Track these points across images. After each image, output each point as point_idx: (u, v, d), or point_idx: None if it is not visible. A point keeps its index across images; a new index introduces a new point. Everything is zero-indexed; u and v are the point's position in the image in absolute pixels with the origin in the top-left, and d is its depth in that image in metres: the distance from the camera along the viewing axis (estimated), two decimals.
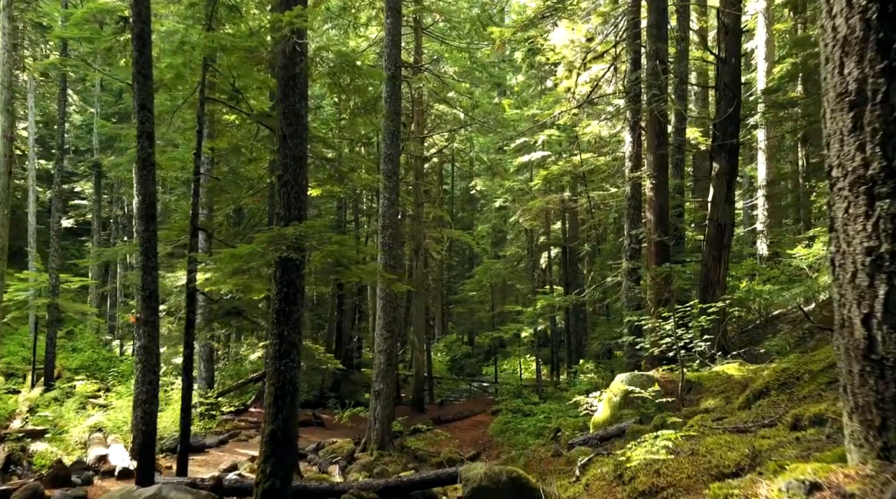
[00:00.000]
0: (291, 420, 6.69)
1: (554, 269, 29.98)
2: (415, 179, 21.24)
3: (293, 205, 6.88)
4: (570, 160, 20.48)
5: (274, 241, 6.31)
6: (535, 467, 6.99)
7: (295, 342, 6.79)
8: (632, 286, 12.68)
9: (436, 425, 18.37)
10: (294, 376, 6.72)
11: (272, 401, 6.64)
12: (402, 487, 8.02)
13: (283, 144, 6.96)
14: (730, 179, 11.95)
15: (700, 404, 7.46)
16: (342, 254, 6.64)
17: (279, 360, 6.71)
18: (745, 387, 7.43)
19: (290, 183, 6.89)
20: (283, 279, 6.77)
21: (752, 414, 4.74)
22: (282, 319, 6.76)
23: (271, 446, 6.53)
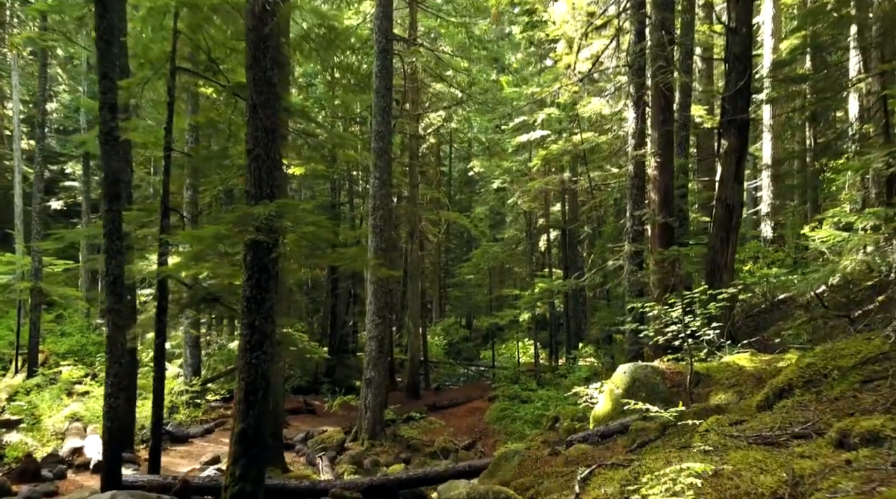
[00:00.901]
0: (264, 418, 6.11)
1: (553, 252, 29.37)
2: (410, 160, 20.55)
3: (264, 182, 6.24)
4: (570, 139, 19.76)
5: (241, 221, 5.69)
6: (529, 468, 6.42)
7: (267, 333, 6.19)
8: (634, 270, 12.06)
9: (431, 412, 17.88)
10: (266, 370, 6.14)
11: (242, 397, 6.06)
12: (388, 486, 7.49)
13: (252, 115, 6.31)
14: (739, 157, 11.28)
15: (710, 398, 6.88)
16: (318, 236, 6.02)
17: (250, 352, 6.12)
18: (760, 380, 6.85)
19: (260, 157, 6.25)
20: (254, 264, 6.15)
21: (777, 418, 4.14)
22: (253, 307, 6.16)
23: (241, 446, 5.96)
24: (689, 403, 7.01)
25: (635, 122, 12.62)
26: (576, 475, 5.37)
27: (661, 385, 7.54)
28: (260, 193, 6.19)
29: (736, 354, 8.14)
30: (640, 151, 12.21)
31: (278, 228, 5.86)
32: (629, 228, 12.50)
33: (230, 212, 6.47)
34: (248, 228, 5.65)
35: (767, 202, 21.47)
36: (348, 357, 25.26)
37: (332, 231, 6.17)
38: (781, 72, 15.00)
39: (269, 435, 10.49)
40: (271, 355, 6.26)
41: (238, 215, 5.77)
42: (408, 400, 19.72)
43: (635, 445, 6.21)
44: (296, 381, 22.36)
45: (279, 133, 6.45)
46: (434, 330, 33.07)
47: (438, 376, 26.26)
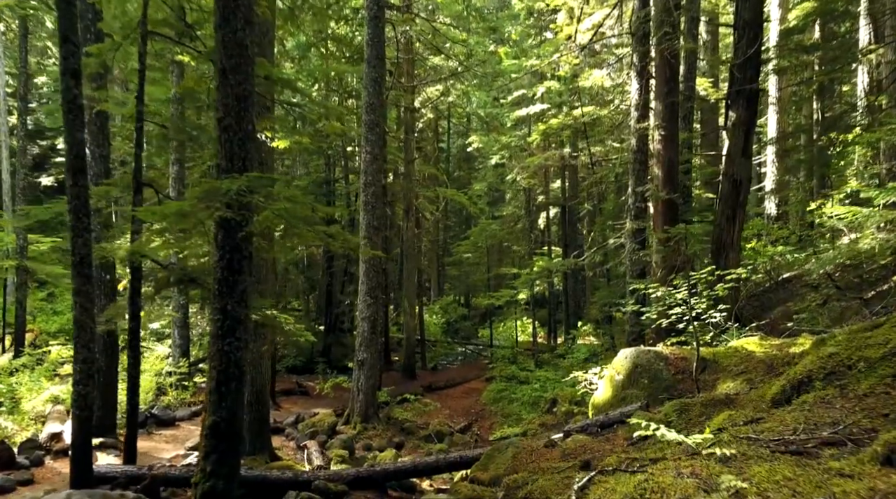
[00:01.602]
0: (237, 409, 5.67)
1: (553, 229, 28.86)
2: (405, 134, 19.94)
3: (236, 154, 5.71)
4: (571, 113, 19.13)
5: (206, 197, 5.18)
6: (524, 461, 6.00)
7: (241, 318, 5.72)
8: (636, 249, 11.58)
9: (427, 393, 17.54)
10: (240, 358, 5.67)
11: (214, 387, 5.60)
12: (375, 477, 7.08)
13: (222, 81, 5.76)
14: (747, 130, 10.73)
15: (717, 386, 6.44)
16: (293, 214, 5.52)
17: (222, 339, 5.65)
18: (771, 367, 6.41)
19: (231, 128, 5.71)
20: (225, 243, 5.65)
21: (799, 417, 3.68)
22: (224, 290, 5.67)
23: (213, 441, 5.52)
24: (695, 391, 6.59)
25: (638, 93, 12.04)
26: (574, 474, 4.94)
27: (664, 372, 7.10)
28: (231, 166, 5.66)
29: (744, 338, 7.69)
30: (644, 124, 11.64)
31: (250, 205, 5.35)
32: (631, 205, 11.99)
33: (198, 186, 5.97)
34: (214, 204, 5.14)
35: (772, 178, 20.88)
36: (344, 336, 24.88)
37: (309, 208, 5.66)
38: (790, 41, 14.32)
39: (255, 420, 10.13)
40: (245, 342, 5.79)
41: (204, 190, 5.26)
42: (403, 380, 19.38)
43: (637, 437, 5.77)
44: (290, 360, 22.03)
45: (252, 101, 5.90)
46: (432, 309, 32.69)
47: (436, 355, 25.93)
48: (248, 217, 5.36)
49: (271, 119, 9.26)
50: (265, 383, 10.15)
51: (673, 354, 7.38)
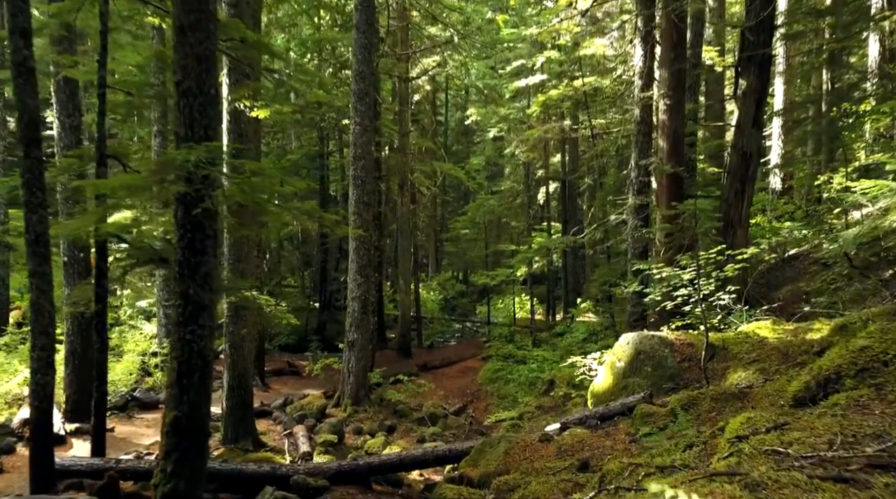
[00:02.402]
0: (201, 404, 5.16)
1: (553, 204, 28.22)
2: (399, 105, 19.21)
3: (196, 121, 5.11)
4: (571, 84, 18.38)
5: (161, 169, 4.60)
6: (517, 459, 5.52)
7: (204, 303, 5.18)
8: (638, 226, 11.01)
9: (422, 372, 17.11)
10: (203, 347, 5.15)
11: (175, 379, 5.09)
12: (357, 472, 6.61)
13: (180, 39, 5.13)
14: (759, 99, 10.10)
15: (728, 376, 5.93)
16: (259, 188, 4.94)
17: (184, 326, 5.12)
18: (786, 355, 5.89)
19: (191, 92, 5.10)
20: (185, 221, 5.09)
21: (833, 425, 3.16)
22: (186, 273, 5.13)
23: (174, 439, 5.02)
24: (703, 380, 6.08)
25: (643, 60, 11.35)
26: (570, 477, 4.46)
27: (669, 359, 6.60)
28: (191, 134, 5.07)
29: (754, 321, 7.17)
30: (648, 93, 10.99)
31: (211, 179, 4.77)
32: (634, 180, 11.39)
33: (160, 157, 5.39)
34: (171, 177, 4.57)
35: (778, 152, 20.21)
36: (339, 314, 24.40)
37: (278, 181, 5.09)
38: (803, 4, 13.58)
39: (238, 405, 9.68)
40: (211, 330, 5.26)
41: (159, 161, 4.68)
42: (398, 359, 18.97)
43: (640, 433, 5.28)
44: (283, 339, 21.60)
45: (214, 62, 5.29)
46: (429, 285, 32.20)
47: (433, 333, 25.51)
48: (208, 192, 4.78)
49: (249, 86, 8.63)
50: (248, 367, 9.67)
51: (678, 339, 6.86)
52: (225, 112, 9.42)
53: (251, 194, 4.90)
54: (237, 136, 9.36)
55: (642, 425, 5.32)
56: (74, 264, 10.04)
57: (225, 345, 9.62)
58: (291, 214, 5.22)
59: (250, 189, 4.85)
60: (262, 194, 4.98)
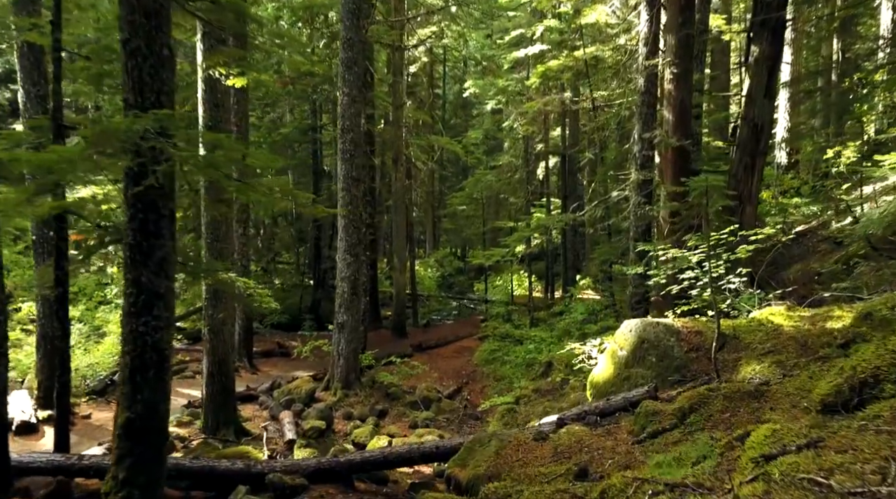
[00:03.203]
0: (158, 403, 4.65)
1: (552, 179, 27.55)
2: (393, 76, 18.47)
3: (147, 86, 4.52)
4: (572, 54, 17.61)
5: (101, 141, 4.02)
6: (509, 460, 5.03)
7: (160, 292, 4.64)
8: (641, 203, 10.42)
9: (417, 353, 16.67)
10: (159, 340, 4.63)
11: (127, 376, 4.57)
12: (338, 469, 6.14)
13: None
14: (772, 67, 9.46)
15: (740, 369, 5.42)
16: (215, 163, 4.36)
17: (136, 318, 4.59)
18: (805, 346, 5.37)
19: (140, 52, 4.50)
20: (137, 200, 4.53)
21: (879, 444, 2.64)
22: (137, 258, 4.58)
23: (127, 442, 4.53)
24: (712, 373, 5.57)
25: (648, 25, 10.65)
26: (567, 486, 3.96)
27: (675, 348, 6.08)
28: (141, 100, 4.48)
29: (767, 307, 6.65)
30: (653, 61, 10.32)
31: (158, 152, 4.19)
32: (637, 154, 10.77)
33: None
34: (109, 151, 3.99)
35: (784, 125, 19.53)
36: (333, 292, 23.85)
37: (240, 153, 4.51)
38: None
39: (219, 392, 9.20)
40: (167, 321, 4.74)
41: (98, 131, 4.10)
42: (393, 339, 18.53)
43: (645, 434, 4.78)
44: (275, 317, 21.13)
45: (167, 17, 4.67)
46: (427, 262, 31.69)
47: (429, 311, 25.07)
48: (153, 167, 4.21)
49: (224, 53, 7.98)
50: (228, 352, 9.18)
51: (685, 327, 6.34)
52: (199, 80, 8.80)
53: (208, 170, 4.32)
54: (213, 106, 8.74)
55: (647, 425, 4.82)
56: (43, 243, 9.49)
57: (204, 329, 9.11)
58: (259, 192, 4.66)
59: (206, 164, 4.27)
60: (222, 170, 4.39)
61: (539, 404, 10.85)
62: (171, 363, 5.03)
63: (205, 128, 8.71)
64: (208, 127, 8.70)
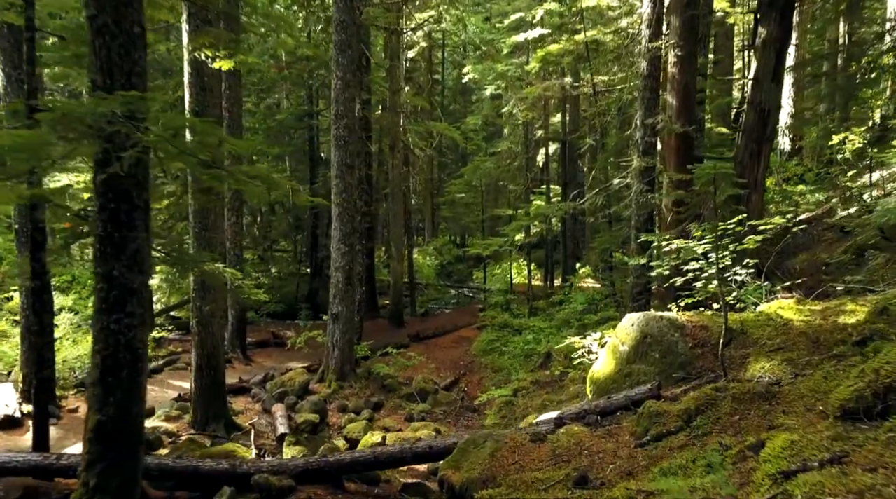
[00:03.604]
0: (132, 405, 4.38)
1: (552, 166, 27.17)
2: (390, 61, 18.07)
3: (117, 67, 4.21)
4: (573, 38, 17.21)
5: (64, 125, 3.72)
6: (504, 464, 4.77)
7: (133, 287, 4.36)
8: (643, 190, 10.10)
9: (414, 343, 16.44)
10: (133, 339, 4.35)
11: (98, 377, 4.30)
12: (327, 470, 5.89)
13: None
14: (780, 49, 9.10)
15: (748, 367, 5.15)
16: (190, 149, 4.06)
17: (108, 314, 4.31)
18: (817, 343, 5.10)
19: (108, 29, 4.18)
20: (107, 189, 4.24)
21: None
22: (109, 251, 4.29)
23: (99, 446, 4.26)
24: (718, 370, 5.30)
25: (651, 6, 10.27)
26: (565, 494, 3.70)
27: (679, 344, 5.81)
28: (110, 82, 4.17)
29: (775, 300, 6.37)
30: (657, 43, 9.96)
31: (129, 138, 3.89)
32: (639, 140, 10.43)
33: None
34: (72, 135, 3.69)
35: (788, 111, 19.15)
36: None
37: (216, 138, 4.21)
38: None
39: (208, 386, 8.94)
40: (142, 318, 4.45)
41: (60, 114, 3.79)
42: (390, 328, 18.30)
43: (648, 436, 4.52)
44: (272, 306, 20.88)
45: None
46: (426, 250, 31.40)
47: (428, 299, 24.81)
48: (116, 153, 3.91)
49: (209, 34, 7.64)
50: (217, 344, 8.91)
51: (690, 321, 6.06)
52: (185, 63, 8.47)
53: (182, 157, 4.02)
54: (200, 90, 8.42)
55: (650, 427, 4.56)
56: (27, 232, 9.18)
57: (192, 321, 8.84)
58: (236, 179, 4.37)
59: (180, 150, 3.97)
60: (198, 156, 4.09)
61: (537, 397, 10.62)
62: (147, 362, 4.77)
63: (191, 113, 8.40)
64: (195, 112, 8.39)
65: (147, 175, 4.44)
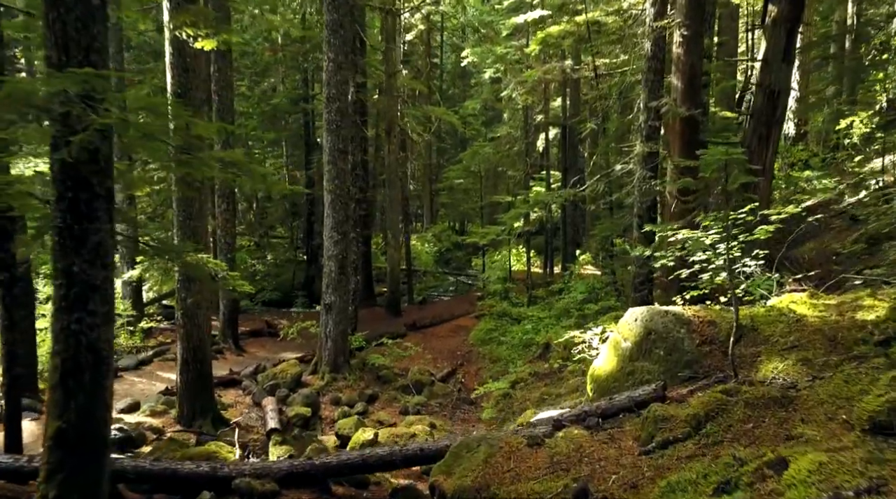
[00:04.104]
0: (96, 409, 4.05)
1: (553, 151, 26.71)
2: (385, 43, 17.60)
3: (74, 42, 3.83)
4: (573, 19, 16.71)
5: (10, 105, 3.35)
6: (499, 471, 4.46)
7: (95, 283, 4.02)
8: (647, 177, 9.72)
9: (410, 332, 16.14)
10: (96, 339, 4.02)
11: (58, 380, 3.97)
12: (313, 473, 5.59)
13: None
14: (791, 28, 8.70)
15: (760, 367, 4.82)
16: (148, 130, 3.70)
17: (68, 313, 3.97)
18: (834, 341, 4.77)
19: (62, 1, 3.80)
20: (65, 177, 3.88)
21: None
22: (68, 244, 3.94)
23: (59, 454, 3.95)
24: (727, 370, 4.97)
25: None
26: None
27: (686, 341, 5.48)
28: (65, 58, 3.80)
29: (787, 294, 6.02)
30: (662, 22, 9.53)
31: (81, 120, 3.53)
32: (643, 124, 10.02)
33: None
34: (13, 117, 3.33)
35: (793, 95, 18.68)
36: None
37: (183, 119, 3.85)
38: None
39: (194, 380, 8.62)
40: (106, 316, 4.12)
41: (6, 93, 3.42)
42: (387, 317, 17.99)
43: (654, 443, 4.20)
44: (267, 294, 20.58)
45: None
46: (424, 237, 31.02)
47: (426, 287, 24.49)
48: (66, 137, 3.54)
49: (190, 12, 7.23)
50: (204, 337, 8.60)
51: (696, 316, 5.72)
52: (167, 42, 8.06)
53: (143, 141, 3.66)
54: (182, 71, 8.02)
55: (656, 433, 4.23)
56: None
57: (177, 313, 8.52)
58: (209, 167, 4.01)
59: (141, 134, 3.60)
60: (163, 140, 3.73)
61: (536, 390, 10.32)
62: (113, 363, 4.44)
63: (173, 95, 8.01)
64: (177, 94, 8.00)
65: (110, 161, 4.08)
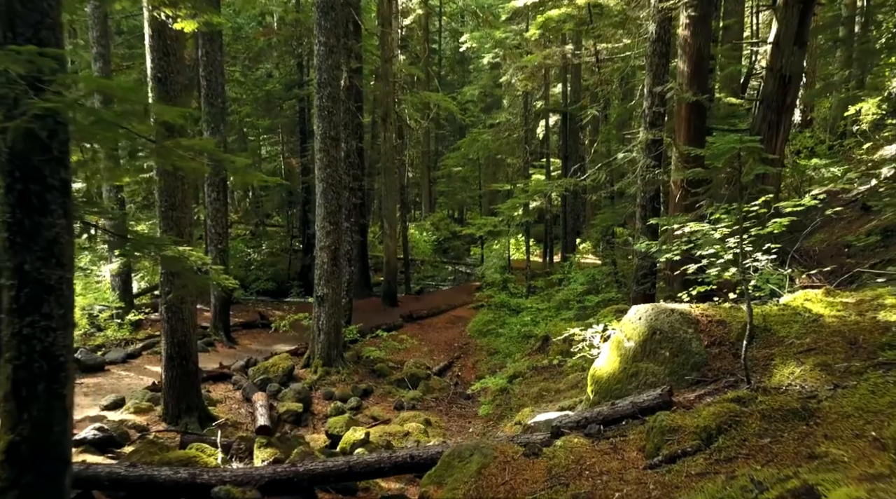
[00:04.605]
0: (53, 422, 3.71)
1: (553, 139, 26.27)
2: (381, 27, 17.12)
3: (21, 18, 3.46)
4: (574, 2, 16.23)
5: None
6: (493, 482, 4.13)
7: (50, 283, 3.67)
8: (650, 165, 9.35)
9: (407, 323, 15.84)
10: (51, 345, 3.67)
11: (10, 390, 3.63)
12: (297, 480, 5.27)
13: None
14: (804, 9, 8.28)
15: (774, 372, 4.48)
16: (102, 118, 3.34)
17: (19, 316, 3.63)
18: (854, 343, 4.43)
19: None
20: (14, 167, 3.52)
21: None
22: (18, 241, 3.59)
23: (12, 472, 3.61)
24: (737, 372, 4.64)
25: None
26: None
27: (693, 342, 5.13)
28: (13, 37, 3.43)
29: (801, 291, 5.67)
30: (668, 3, 9.10)
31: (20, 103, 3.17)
32: (646, 110, 9.64)
33: None
34: None
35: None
36: None
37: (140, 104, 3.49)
38: None
39: (179, 377, 8.29)
40: (65, 320, 3.77)
41: None
42: (383, 308, 17.68)
43: (660, 456, 3.86)
44: (262, 284, 20.24)
45: None
46: (422, 225, 30.64)
47: (423, 277, 24.18)
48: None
49: None
50: (189, 332, 8.25)
51: (704, 315, 5.38)
52: (146, 24, 7.66)
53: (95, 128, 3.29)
54: (162, 54, 7.62)
55: (662, 445, 3.90)
56: None
57: (161, 308, 8.18)
58: (176, 155, 3.65)
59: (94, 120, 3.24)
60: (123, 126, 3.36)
61: (534, 384, 10.01)
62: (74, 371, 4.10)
63: (153, 79, 7.63)
64: (158, 79, 7.62)
65: (66, 150, 3.72)
